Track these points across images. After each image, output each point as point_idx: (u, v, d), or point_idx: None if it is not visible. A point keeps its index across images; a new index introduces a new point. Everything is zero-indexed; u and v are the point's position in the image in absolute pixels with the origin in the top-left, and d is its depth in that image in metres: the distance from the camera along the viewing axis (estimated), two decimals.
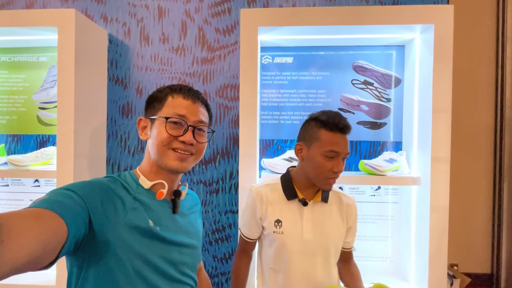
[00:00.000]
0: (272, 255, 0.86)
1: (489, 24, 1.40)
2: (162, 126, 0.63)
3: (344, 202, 0.90)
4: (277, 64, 1.32)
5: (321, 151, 0.77)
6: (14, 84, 1.35)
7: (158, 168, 0.66)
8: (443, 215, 1.07)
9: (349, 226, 0.90)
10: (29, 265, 0.40)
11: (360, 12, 1.07)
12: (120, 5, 1.37)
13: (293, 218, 0.85)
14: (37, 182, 1.36)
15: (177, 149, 0.63)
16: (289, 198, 0.86)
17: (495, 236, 1.41)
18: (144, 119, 0.68)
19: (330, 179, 0.79)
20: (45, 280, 1.12)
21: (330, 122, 0.77)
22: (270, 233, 0.85)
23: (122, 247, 0.56)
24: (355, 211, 0.91)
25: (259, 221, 0.88)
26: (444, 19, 1.06)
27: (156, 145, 0.63)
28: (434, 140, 1.07)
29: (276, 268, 0.86)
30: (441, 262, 1.07)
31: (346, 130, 0.79)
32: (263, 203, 0.87)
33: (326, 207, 0.87)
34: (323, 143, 0.77)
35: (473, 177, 1.41)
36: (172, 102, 0.65)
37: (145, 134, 0.67)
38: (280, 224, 0.84)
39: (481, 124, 1.41)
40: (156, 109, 0.66)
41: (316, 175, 0.80)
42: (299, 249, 0.83)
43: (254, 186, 0.91)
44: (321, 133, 0.78)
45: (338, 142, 0.77)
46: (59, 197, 0.49)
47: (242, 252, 0.94)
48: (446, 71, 1.07)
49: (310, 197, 0.87)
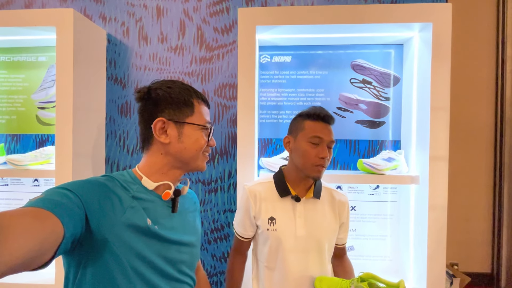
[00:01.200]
0: (267, 253, 0.87)
1: (489, 22, 1.39)
2: (199, 132, 0.66)
3: (337, 198, 0.92)
4: (275, 63, 1.32)
5: (305, 138, 0.82)
6: (13, 84, 1.36)
7: (172, 168, 0.66)
8: (441, 214, 1.06)
9: (341, 221, 0.91)
10: (25, 265, 0.40)
11: (359, 11, 1.07)
12: (118, 5, 1.37)
13: (286, 215, 0.86)
14: (36, 182, 1.36)
15: (205, 152, 0.70)
16: (282, 195, 0.87)
17: (495, 235, 1.40)
18: (167, 122, 0.64)
19: (317, 166, 0.81)
20: (44, 279, 1.13)
21: (312, 113, 0.84)
22: (264, 231, 0.86)
23: (120, 246, 0.56)
24: (347, 207, 0.93)
25: (253, 219, 0.89)
26: (443, 17, 1.05)
27: (193, 150, 0.66)
28: (433, 139, 1.07)
29: (270, 266, 0.86)
30: (439, 260, 1.07)
31: (328, 119, 0.84)
32: (256, 202, 0.88)
33: (318, 203, 0.89)
34: (307, 131, 0.83)
35: (474, 176, 1.40)
36: (200, 109, 0.68)
37: (166, 137, 0.64)
38: (273, 221, 0.86)
39: (481, 123, 1.40)
40: (185, 113, 0.65)
41: (303, 163, 0.83)
42: (293, 246, 0.85)
43: (247, 185, 0.92)
44: (305, 123, 0.84)
45: (321, 130, 0.82)
46: (55, 196, 0.49)
47: (237, 251, 0.94)
48: (444, 70, 1.06)
49: (303, 193, 0.88)
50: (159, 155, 0.66)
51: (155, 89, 0.65)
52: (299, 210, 0.86)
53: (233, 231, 0.95)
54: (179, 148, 0.65)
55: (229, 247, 1.35)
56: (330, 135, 0.83)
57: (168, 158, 0.65)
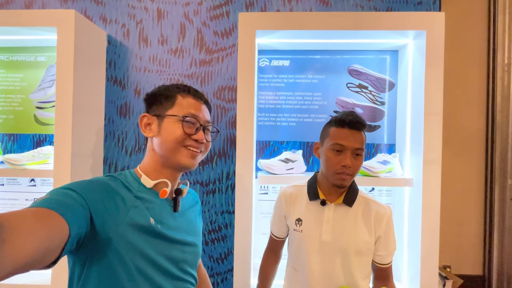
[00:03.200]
0: (293, 254, 0.88)
1: (480, 31, 1.44)
2: (176, 124, 0.64)
3: (373, 208, 0.85)
4: (274, 66, 1.34)
5: (328, 145, 0.81)
6: (11, 83, 1.35)
7: (163, 166, 0.67)
8: (434, 216, 1.09)
9: (377, 235, 0.85)
10: (31, 264, 0.40)
11: (356, 18, 1.10)
12: (119, 7, 1.38)
13: (313, 218, 0.85)
14: (33, 182, 1.36)
15: (189, 147, 0.66)
16: (311, 198, 0.87)
17: (486, 239, 1.44)
18: (150, 116, 0.67)
19: (339, 173, 0.79)
20: (41, 280, 1.12)
21: (338, 119, 0.81)
22: (292, 231, 0.88)
23: (124, 245, 0.56)
24: (386, 220, 0.85)
25: (283, 219, 0.91)
26: (436, 25, 1.09)
27: (169, 142, 0.64)
28: (426, 142, 1.10)
29: (296, 267, 0.87)
30: (432, 262, 1.09)
31: (355, 125, 0.79)
32: (287, 202, 0.90)
33: (350, 210, 0.85)
34: (330, 138, 0.81)
35: (466, 180, 1.44)
36: (183, 102, 0.66)
37: (149, 131, 0.67)
38: (300, 222, 0.86)
39: (473, 128, 1.44)
40: (164, 107, 0.66)
41: (327, 170, 0.82)
42: (317, 249, 0.83)
43: (282, 187, 0.95)
44: (330, 130, 0.82)
45: (345, 136, 0.79)
46: (60, 196, 0.50)
47: (270, 250, 0.96)
48: (437, 76, 1.10)
49: (333, 199, 0.86)
50: (151, 152, 0.68)
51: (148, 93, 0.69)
52: (327, 215, 0.84)
53: (270, 231, 0.97)
54: (159, 142, 0.65)
55: (226, 249, 1.36)
56: (355, 142, 0.78)
57: (156, 155, 0.66)
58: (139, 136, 1.37)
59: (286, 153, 1.26)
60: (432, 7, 1.34)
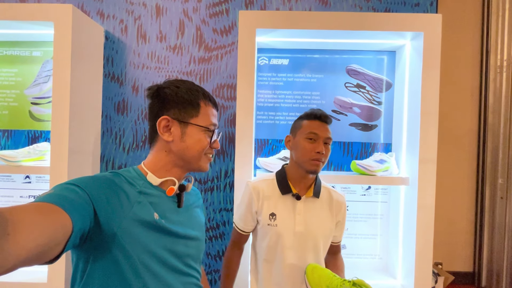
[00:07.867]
0: (266, 247, 0.91)
1: (474, 33, 1.47)
2: (202, 134, 0.68)
3: (334, 198, 0.96)
4: (273, 65, 1.35)
5: (303, 135, 0.88)
6: (6, 78, 1.33)
7: (175, 166, 0.68)
8: (429, 214, 1.12)
9: (337, 220, 0.96)
10: (34, 259, 0.40)
11: (354, 18, 1.11)
12: (117, 2, 1.36)
13: (287, 211, 0.91)
14: (28, 179, 1.34)
15: (208, 154, 0.71)
16: (283, 193, 0.91)
17: (477, 237, 1.48)
18: (172, 121, 0.66)
19: (314, 160, 0.86)
20: (37, 278, 1.11)
21: (309, 113, 0.91)
22: (265, 225, 0.90)
23: (128, 240, 0.57)
24: (344, 207, 0.97)
25: (254, 215, 0.93)
26: (433, 27, 1.11)
27: (195, 151, 0.67)
28: (422, 142, 1.12)
29: (269, 259, 0.91)
30: (426, 259, 1.12)
31: (324, 118, 0.90)
32: (259, 198, 0.92)
33: (317, 202, 0.93)
34: (304, 129, 0.89)
35: (458, 180, 1.47)
36: (207, 111, 0.69)
37: (169, 135, 0.66)
38: (274, 217, 0.90)
39: (465, 129, 1.48)
40: (189, 113, 0.67)
41: (301, 158, 0.88)
42: (292, 241, 0.89)
43: (250, 182, 0.95)
44: (303, 122, 0.91)
45: (317, 127, 0.88)
46: (63, 191, 0.50)
47: (235, 244, 0.98)
48: (434, 77, 1.12)
49: (303, 192, 0.92)
50: (163, 152, 0.67)
51: (163, 88, 0.67)
52: (299, 208, 0.91)
53: (233, 225, 0.98)
54: (181, 147, 0.66)
55: (224, 246, 1.36)
56: (326, 132, 0.88)
57: (171, 156, 0.67)
58: (137, 133, 1.36)
59: (284, 151, 1.27)
60: (429, 8, 1.36)
